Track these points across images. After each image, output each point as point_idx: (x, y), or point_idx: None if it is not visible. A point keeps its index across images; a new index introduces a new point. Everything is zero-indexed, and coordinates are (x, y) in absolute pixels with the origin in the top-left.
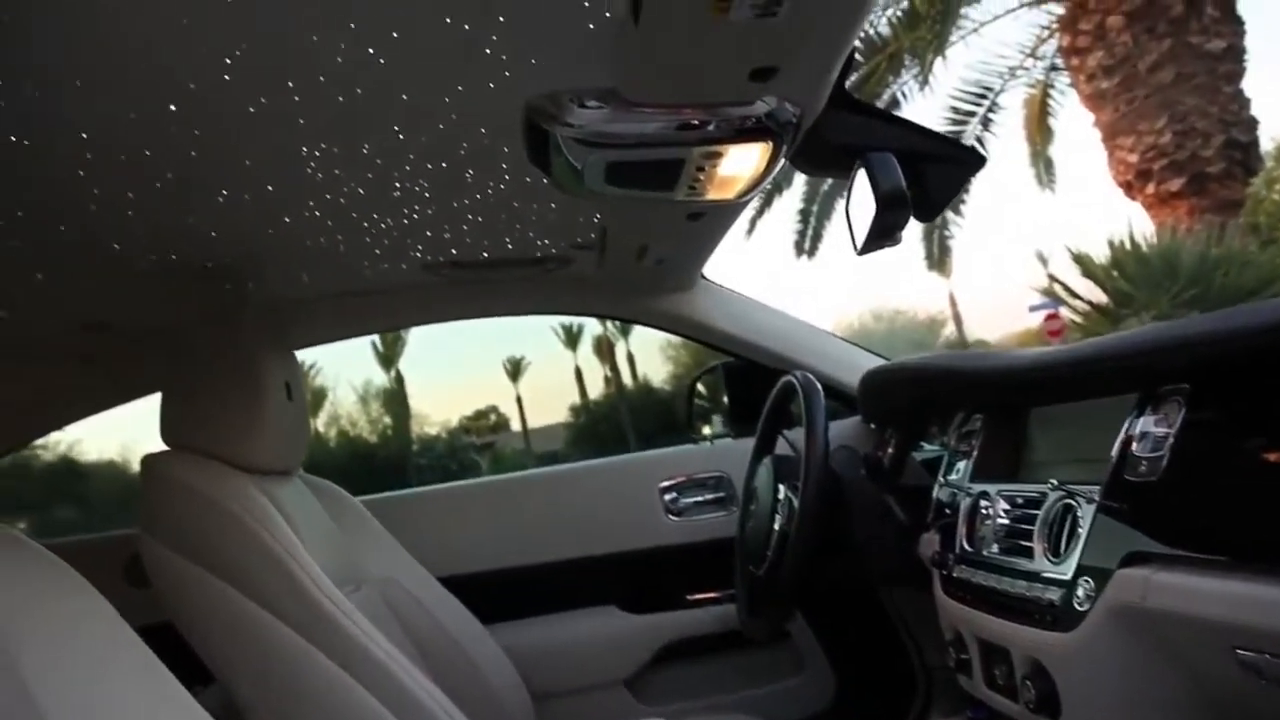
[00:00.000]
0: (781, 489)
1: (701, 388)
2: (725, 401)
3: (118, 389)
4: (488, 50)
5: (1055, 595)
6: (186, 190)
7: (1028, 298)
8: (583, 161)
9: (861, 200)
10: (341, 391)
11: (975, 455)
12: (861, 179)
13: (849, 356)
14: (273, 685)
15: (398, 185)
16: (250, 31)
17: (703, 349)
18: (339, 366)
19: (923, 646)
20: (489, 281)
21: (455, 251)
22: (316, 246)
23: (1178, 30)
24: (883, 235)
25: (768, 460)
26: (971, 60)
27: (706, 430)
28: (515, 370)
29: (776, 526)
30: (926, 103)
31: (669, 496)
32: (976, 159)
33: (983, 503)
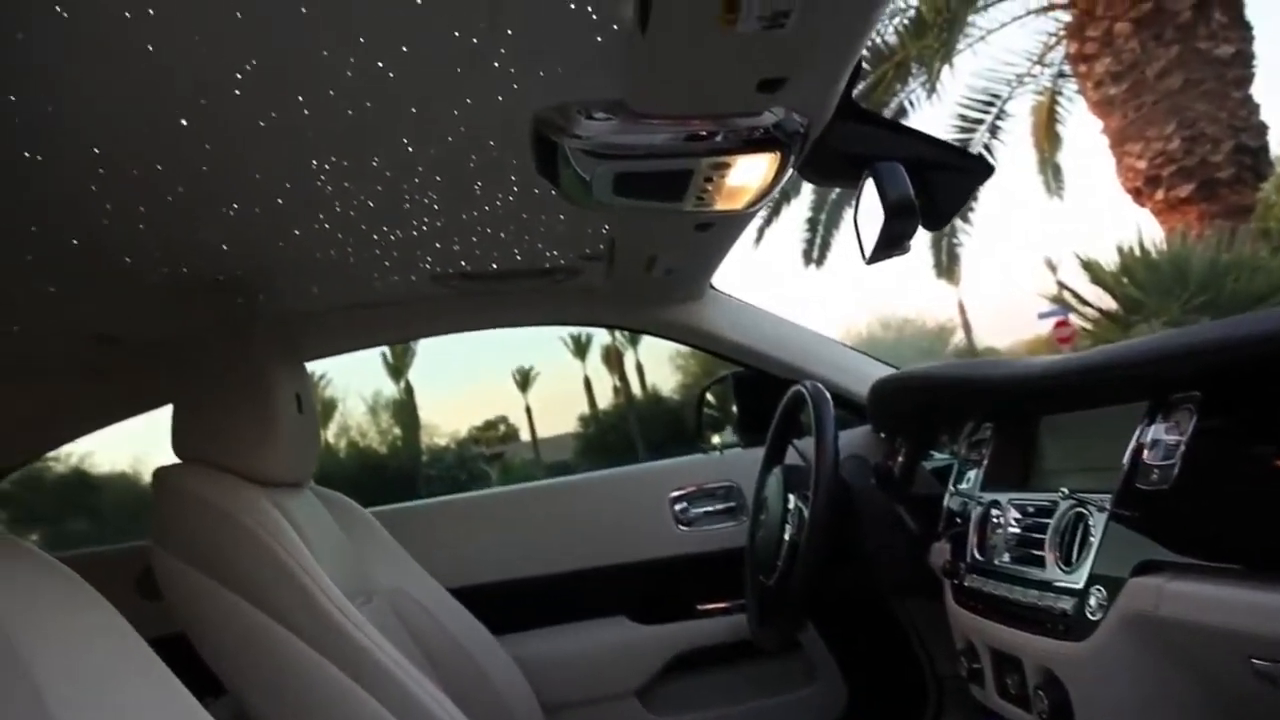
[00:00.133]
0: (792, 499)
1: (711, 397)
2: (735, 411)
3: (129, 402)
4: (496, 63)
5: (1067, 604)
6: (197, 203)
7: (1037, 305)
8: (591, 173)
9: (870, 210)
10: (351, 403)
11: (986, 464)
12: (869, 188)
13: (858, 366)
14: (284, 697)
15: (407, 197)
16: (261, 46)
17: (712, 359)
18: (349, 378)
19: (934, 656)
20: (498, 293)
21: (464, 263)
22: (326, 259)
23: (1186, 36)
24: (891, 244)
25: (778, 470)
26: (979, 68)
27: (716, 440)
28: (524, 381)
29: (787, 536)
30: (934, 111)
31: (679, 506)
32: (984, 167)
33: (994, 512)
